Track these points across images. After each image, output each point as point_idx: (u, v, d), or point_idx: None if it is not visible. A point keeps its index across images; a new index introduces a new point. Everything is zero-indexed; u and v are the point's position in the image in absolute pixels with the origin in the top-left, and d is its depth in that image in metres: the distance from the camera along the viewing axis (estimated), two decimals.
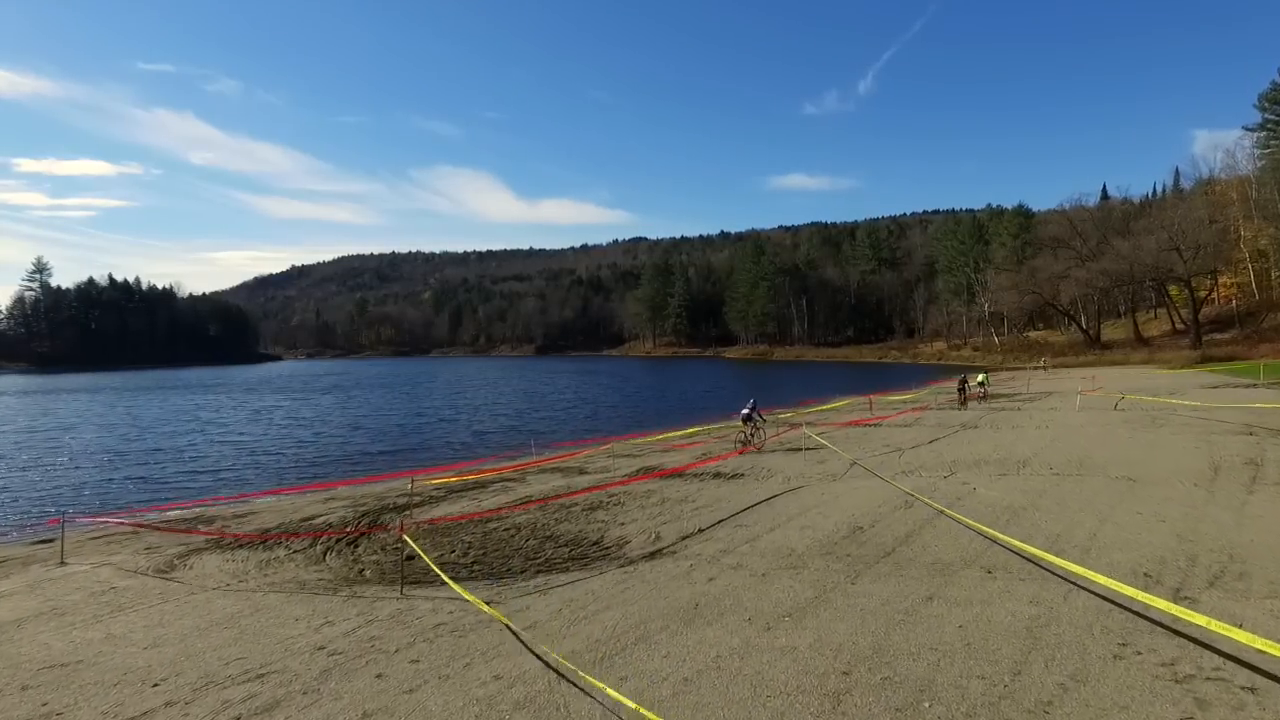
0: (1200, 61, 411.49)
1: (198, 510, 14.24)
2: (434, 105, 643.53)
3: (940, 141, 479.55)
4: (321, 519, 12.48)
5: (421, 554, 7.79)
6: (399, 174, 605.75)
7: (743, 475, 13.85)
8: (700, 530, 9.53)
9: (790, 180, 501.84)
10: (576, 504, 11.86)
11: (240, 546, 10.46)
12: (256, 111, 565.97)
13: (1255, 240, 71.85)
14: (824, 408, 27.95)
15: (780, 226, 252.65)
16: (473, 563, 8.96)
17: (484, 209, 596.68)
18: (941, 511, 9.45)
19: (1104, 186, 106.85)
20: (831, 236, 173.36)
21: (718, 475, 13.91)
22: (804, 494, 11.32)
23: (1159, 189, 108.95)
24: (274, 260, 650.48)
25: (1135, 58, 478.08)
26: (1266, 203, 68.88)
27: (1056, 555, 7.44)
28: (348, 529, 11.39)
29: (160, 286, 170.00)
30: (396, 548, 9.91)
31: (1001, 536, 8.01)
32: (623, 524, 10.23)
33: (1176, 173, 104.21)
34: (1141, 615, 5.74)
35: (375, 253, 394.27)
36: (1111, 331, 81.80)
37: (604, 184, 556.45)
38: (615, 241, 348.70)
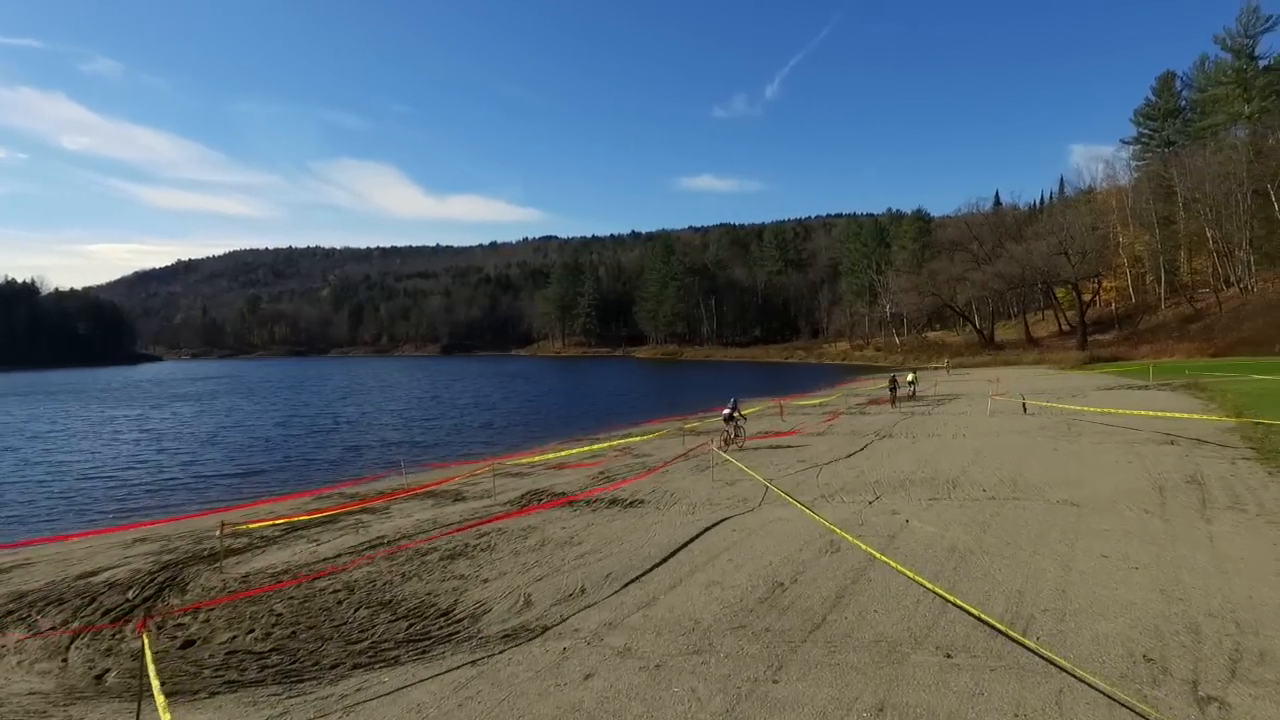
0: (1076, 82, 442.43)
1: None
2: (338, 96, 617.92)
3: (843, 147, 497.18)
4: (106, 575, 9.74)
5: (150, 669, 5.28)
6: (298, 166, 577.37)
7: (643, 502, 11.94)
8: (583, 590, 7.51)
9: (700, 182, 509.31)
10: (436, 549, 9.63)
11: None
12: (140, 95, 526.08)
13: (1132, 247, 76.34)
14: None
15: (690, 227, 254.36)
16: (271, 651, 6.62)
17: (389, 204, 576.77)
18: (875, 557, 7.79)
19: (996, 193, 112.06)
20: (740, 238, 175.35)
21: (614, 503, 11.95)
22: (712, 534, 9.47)
23: (1046, 196, 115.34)
24: (158, 254, 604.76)
25: (1021, 75, 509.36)
26: (1142, 211, 73.15)
27: (1026, 626, 5.86)
28: (129, 593, 8.77)
29: (20, 280, 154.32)
30: (179, 625, 7.46)
31: (967, 608, 6.37)
32: (486, 581, 8.08)
33: (1061, 181, 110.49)
34: None
35: (271, 247, 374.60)
36: (1004, 332, 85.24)
37: (515, 181, 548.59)
38: (525, 240, 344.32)
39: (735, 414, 18.18)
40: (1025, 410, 23.06)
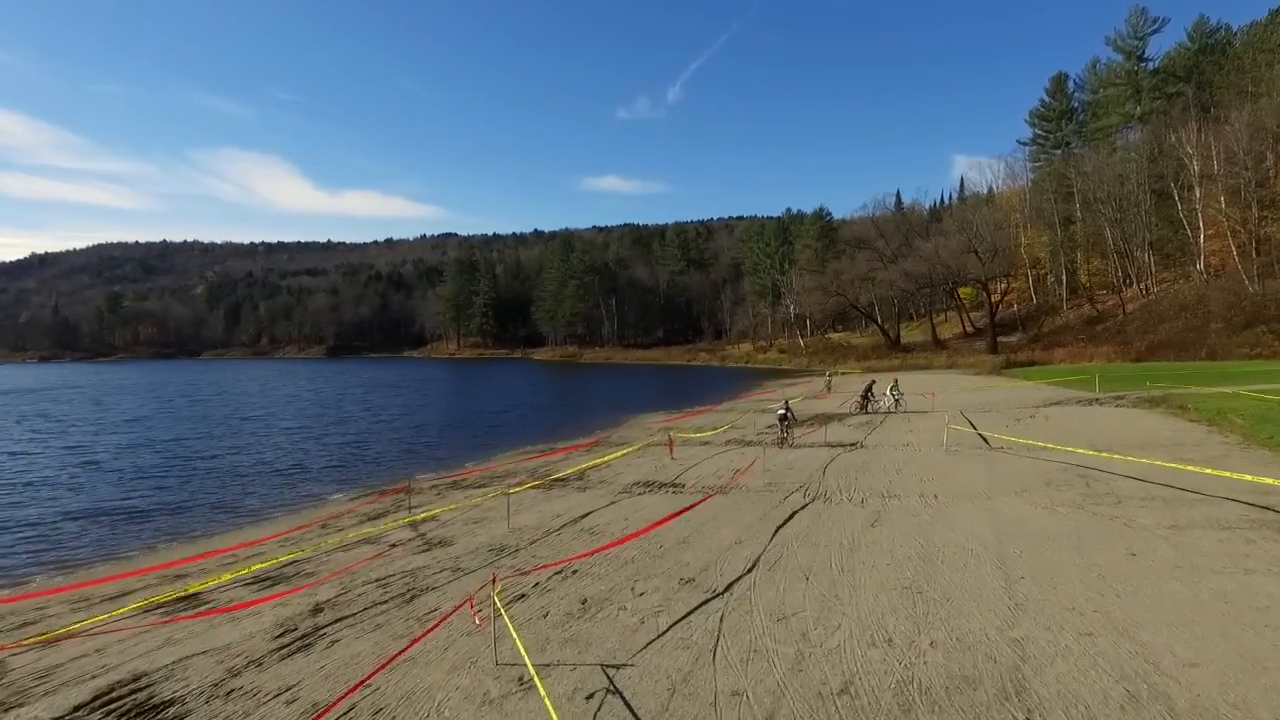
0: (957, 96, 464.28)
1: None
2: (219, 80, 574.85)
3: (744, 150, 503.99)
4: None
5: None
6: (175, 154, 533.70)
7: None
8: None
9: (604, 182, 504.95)
10: None
11: None
12: None
13: (1032, 247, 75.00)
14: (605, 458, 19.21)
15: (594, 227, 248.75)
16: None
17: (277, 198, 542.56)
18: None
19: (898, 193, 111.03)
20: (642, 237, 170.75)
21: None
22: None
23: (945, 198, 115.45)
24: (9, 246, 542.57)
25: (910, 86, 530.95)
26: (1044, 210, 71.81)
27: None
28: None
29: None
30: None
31: None
32: None
33: (961, 182, 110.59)
34: None
35: (142, 241, 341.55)
36: (909, 334, 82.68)
37: (414, 177, 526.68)
38: (424, 237, 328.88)
39: (787, 414, 20.21)
40: (988, 443, 17.49)
